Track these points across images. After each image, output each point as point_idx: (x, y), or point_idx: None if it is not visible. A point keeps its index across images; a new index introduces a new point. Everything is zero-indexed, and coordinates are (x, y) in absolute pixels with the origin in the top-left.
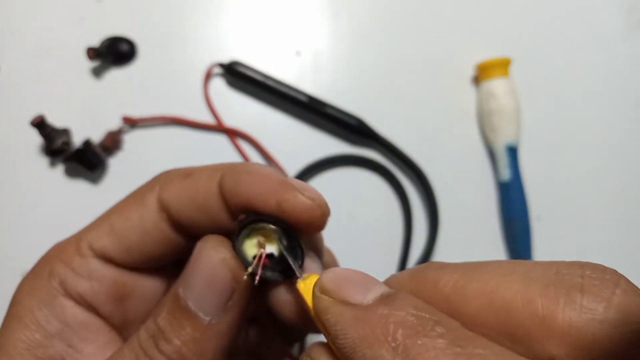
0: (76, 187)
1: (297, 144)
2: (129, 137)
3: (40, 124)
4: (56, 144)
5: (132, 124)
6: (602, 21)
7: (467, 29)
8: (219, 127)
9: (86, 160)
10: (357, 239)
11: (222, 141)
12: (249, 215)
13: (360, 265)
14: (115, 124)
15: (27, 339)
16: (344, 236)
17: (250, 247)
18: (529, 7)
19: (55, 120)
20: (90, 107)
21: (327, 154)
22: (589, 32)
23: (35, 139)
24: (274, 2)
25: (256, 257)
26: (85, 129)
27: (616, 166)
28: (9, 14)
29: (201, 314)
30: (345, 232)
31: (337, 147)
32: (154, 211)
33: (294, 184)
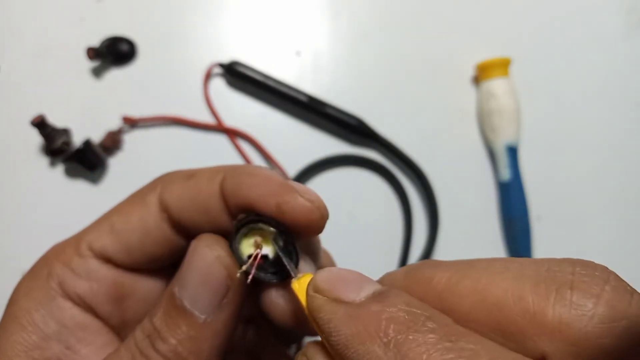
0: (76, 187)
1: (297, 144)
2: (129, 137)
3: (40, 124)
4: (56, 144)
5: (132, 124)
6: (602, 21)
7: (467, 29)
8: (219, 127)
9: (86, 160)
10: (357, 239)
11: (222, 141)
12: (248, 215)
13: (360, 265)
14: (115, 124)
15: (24, 341)
16: (344, 236)
17: (246, 247)
18: (529, 7)
19: (55, 120)
20: (90, 107)
21: (327, 154)
22: (589, 32)
23: (35, 139)
24: (274, 2)
25: (251, 257)
26: (85, 129)
27: (616, 166)
28: (9, 14)
29: (196, 313)
30: (345, 232)
31: (337, 147)
32: (155, 212)
33: (294, 186)
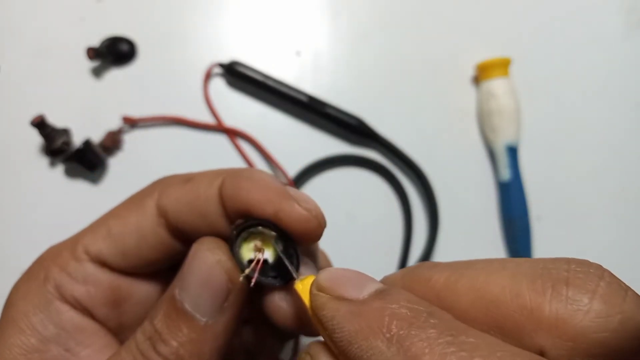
0: (76, 187)
1: (297, 144)
2: (129, 137)
3: (40, 124)
4: (56, 144)
5: (132, 124)
6: (602, 21)
7: (467, 29)
8: (219, 127)
9: (86, 160)
10: (357, 239)
11: (222, 141)
12: (248, 219)
13: (360, 265)
14: (115, 124)
15: (23, 344)
16: (344, 236)
17: (246, 251)
18: (529, 7)
19: (55, 120)
20: (90, 107)
21: (327, 154)
22: (589, 32)
23: (35, 139)
24: (274, 2)
25: (253, 261)
26: (85, 129)
27: (616, 166)
28: (9, 14)
29: (197, 315)
30: (345, 232)
31: (337, 147)
32: (152, 216)
33: (292, 194)
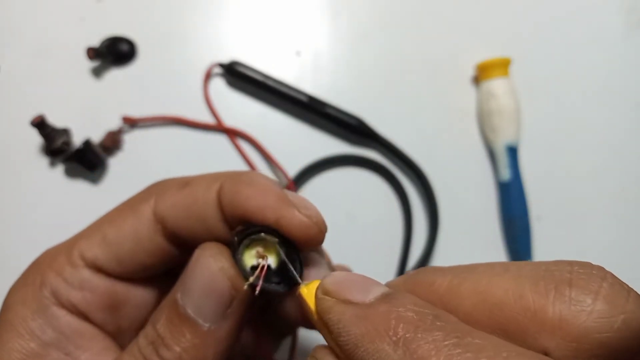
0: (76, 187)
1: (297, 144)
2: (129, 137)
3: (40, 124)
4: (56, 144)
5: (132, 124)
6: (602, 21)
7: (467, 29)
8: (219, 127)
9: (86, 160)
10: (357, 239)
11: (222, 141)
12: (250, 225)
13: (360, 265)
14: (115, 124)
15: (22, 348)
16: (344, 236)
17: (248, 257)
18: (529, 7)
19: (55, 120)
20: (90, 107)
21: (327, 154)
22: (589, 32)
23: (35, 139)
24: (274, 2)
25: (256, 268)
26: (85, 129)
27: (616, 166)
28: (9, 14)
29: (200, 321)
30: (345, 233)
31: (337, 147)
32: (149, 222)
33: (292, 200)
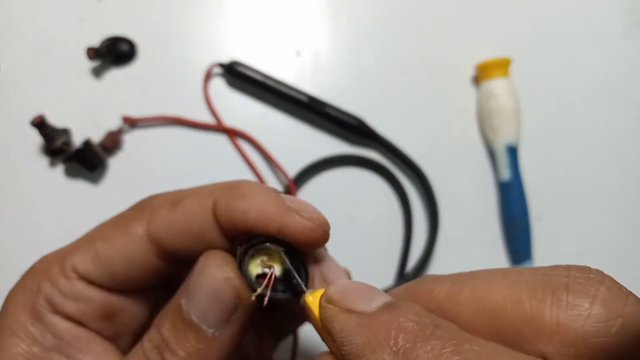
0: (76, 187)
1: (297, 144)
2: (129, 137)
3: (40, 124)
4: (56, 144)
5: (132, 124)
6: (602, 21)
7: (467, 29)
8: (219, 127)
9: (86, 160)
10: (357, 239)
11: (222, 141)
12: (254, 236)
13: (360, 265)
14: (115, 124)
15: (25, 352)
16: (344, 236)
17: (253, 267)
18: (529, 7)
19: (55, 120)
20: (90, 107)
21: (327, 154)
22: (589, 32)
23: (35, 139)
24: (274, 2)
25: (261, 277)
26: (85, 129)
27: (616, 166)
28: (9, 14)
29: (204, 327)
30: (345, 232)
31: (337, 147)
32: (142, 243)
33: (291, 206)
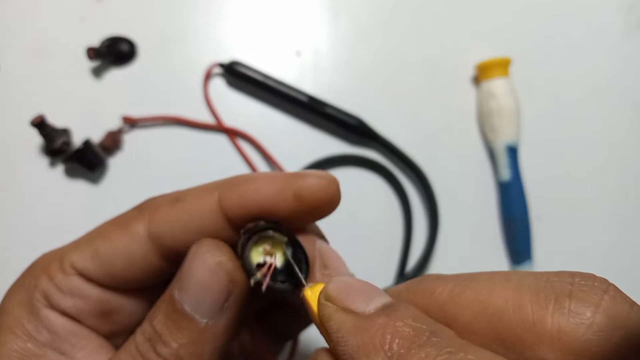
0: (76, 187)
1: (297, 144)
2: (129, 137)
3: (40, 124)
4: (56, 144)
5: (132, 124)
6: (602, 21)
7: (467, 29)
8: (219, 127)
9: (86, 160)
10: (357, 239)
11: (222, 141)
12: (258, 223)
13: (360, 265)
14: (115, 124)
15: (20, 348)
16: (344, 236)
17: (255, 255)
18: (529, 7)
19: (55, 120)
20: (90, 107)
21: (327, 154)
22: (589, 32)
23: (35, 139)
24: (274, 2)
25: (262, 265)
26: (85, 129)
27: (616, 166)
28: (9, 14)
29: (197, 317)
30: (345, 232)
31: (337, 147)
32: (142, 242)
33: (299, 173)
